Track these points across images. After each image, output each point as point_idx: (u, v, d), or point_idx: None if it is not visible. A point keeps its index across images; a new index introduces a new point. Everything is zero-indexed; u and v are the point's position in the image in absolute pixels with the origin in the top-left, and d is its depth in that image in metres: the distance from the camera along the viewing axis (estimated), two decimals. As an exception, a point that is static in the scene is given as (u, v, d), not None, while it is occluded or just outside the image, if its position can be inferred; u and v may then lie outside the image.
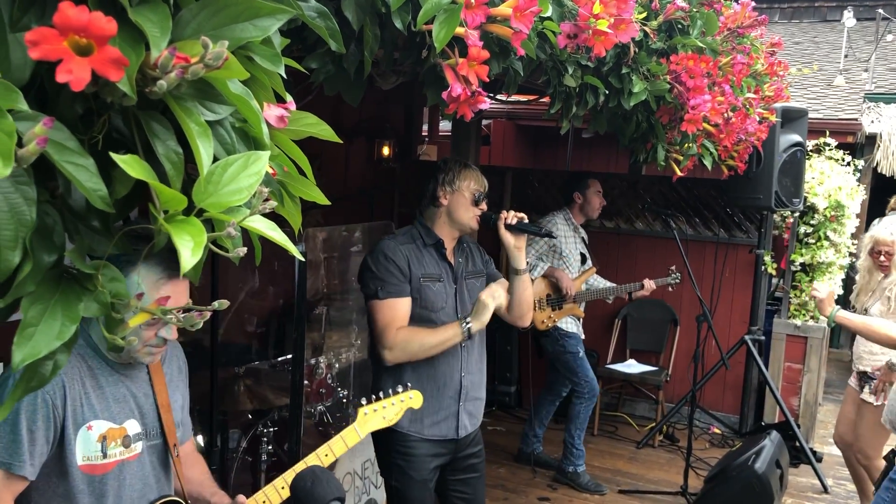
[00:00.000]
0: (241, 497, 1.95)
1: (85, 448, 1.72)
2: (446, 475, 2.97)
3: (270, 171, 1.03)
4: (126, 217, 0.91)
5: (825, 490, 5.02)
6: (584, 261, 5.01)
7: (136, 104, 0.80)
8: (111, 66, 0.74)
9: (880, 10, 8.99)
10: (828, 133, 6.12)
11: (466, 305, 2.88)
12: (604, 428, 5.94)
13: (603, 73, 2.38)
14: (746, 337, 5.40)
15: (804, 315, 5.75)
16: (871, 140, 7.34)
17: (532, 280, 4.71)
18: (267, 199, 0.89)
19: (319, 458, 2.10)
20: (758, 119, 3.63)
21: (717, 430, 5.91)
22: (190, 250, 0.76)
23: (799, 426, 5.45)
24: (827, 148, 5.95)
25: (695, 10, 2.72)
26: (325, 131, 1.11)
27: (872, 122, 7.38)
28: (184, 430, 2.00)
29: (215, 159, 0.86)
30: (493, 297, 2.75)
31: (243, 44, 0.91)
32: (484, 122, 6.38)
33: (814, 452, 5.34)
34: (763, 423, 5.55)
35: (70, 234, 0.87)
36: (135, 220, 0.93)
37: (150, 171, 0.80)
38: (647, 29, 2.47)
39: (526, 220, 2.85)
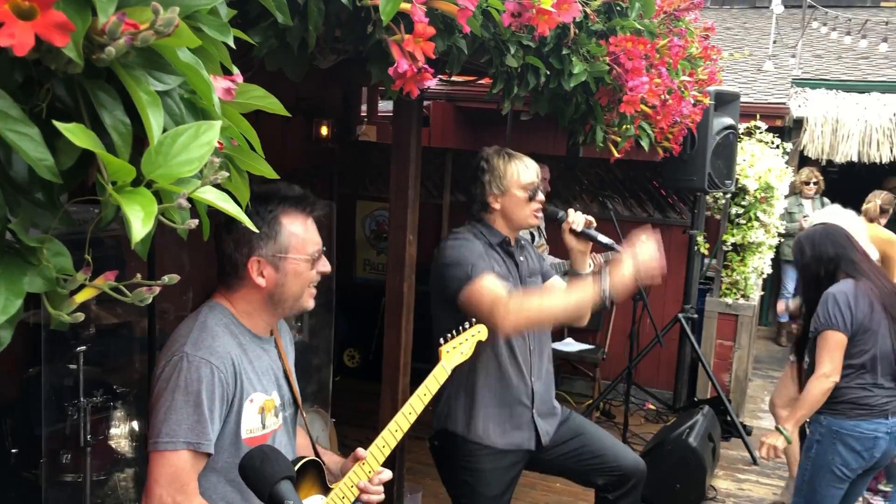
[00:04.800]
0: (360, 450, 2.00)
1: (248, 421, 1.76)
2: (542, 456, 2.86)
3: (217, 144, 1.01)
4: (70, 190, 0.89)
5: (754, 462, 5.21)
6: (533, 239, 5.02)
7: (82, 72, 0.78)
8: (56, 30, 0.72)
9: (807, -2, 9.28)
10: (758, 116, 6.29)
11: None
12: (543, 406, 6.04)
13: (544, 54, 2.40)
14: (680, 315, 5.53)
15: (735, 294, 5.93)
16: (799, 124, 7.59)
17: None
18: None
19: (419, 397, 2.18)
20: (692, 102, 3.71)
21: (651, 406, 6.06)
22: (140, 221, 0.74)
23: (730, 401, 5.63)
24: (757, 131, 6.12)
25: (633, -8, 2.76)
26: (272, 104, 1.10)
27: (799, 106, 7.63)
28: None
29: (164, 131, 0.84)
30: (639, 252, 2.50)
31: (190, 13, 0.89)
32: (423, 103, 6.37)
33: (744, 426, 5.53)
34: (696, 399, 5.71)
35: (11, 208, 0.84)
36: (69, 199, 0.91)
37: (96, 141, 0.78)
38: (587, 10, 2.50)
39: (594, 225, 2.70)
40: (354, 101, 6.72)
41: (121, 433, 3.53)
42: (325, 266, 1.86)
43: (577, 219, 2.69)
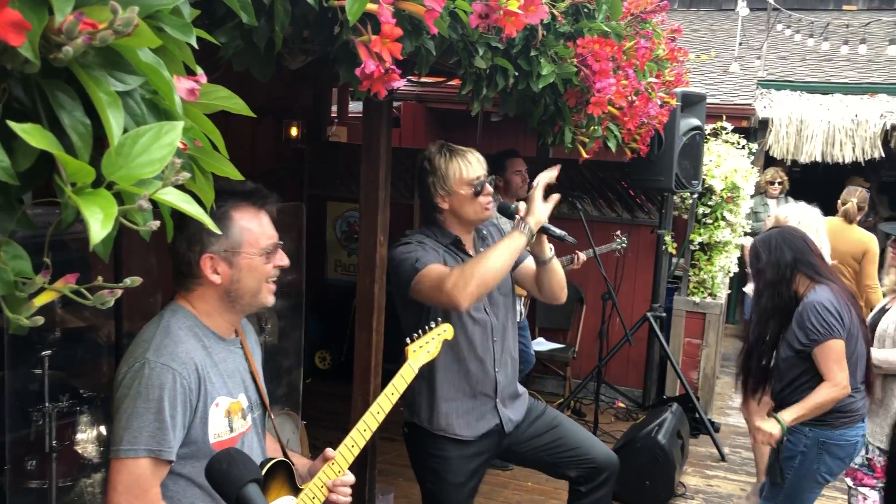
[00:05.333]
0: (328, 450, 2.00)
1: (215, 425, 1.74)
2: (516, 449, 2.93)
3: (181, 145, 1.00)
4: (29, 192, 0.87)
5: (722, 458, 5.27)
6: None
7: (40, 72, 0.77)
8: (11, 29, 0.71)
9: (771, 1, 9.39)
10: (724, 117, 6.37)
11: (495, 297, 2.78)
12: (514, 406, 6.06)
13: (512, 56, 2.41)
14: (648, 314, 5.59)
15: (702, 292, 5.99)
16: (764, 125, 7.69)
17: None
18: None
19: (387, 396, 2.18)
20: (659, 103, 3.74)
21: (621, 405, 6.11)
22: (100, 223, 0.73)
23: (698, 398, 5.69)
24: (724, 132, 6.20)
25: (600, -6, 2.78)
26: (237, 105, 1.09)
27: (765, 107, 7.73)
28: None
29: (125, 131, 0.83)
30: (537, 185, 2.60)
31: (152, 13, 0.88)
32: (394, 104, 6.37)
33: (712, 423, 5.59)
34: (665, 397, 5.77)
35: (-33, 210, 0.82)
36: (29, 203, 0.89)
37: (54, 142, 0.76)
38: (554, 12, 2.51)
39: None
40: (325, 102, 6.69)
41: (87, 438, 3.48)
42: (282, 260, 1.83)
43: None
